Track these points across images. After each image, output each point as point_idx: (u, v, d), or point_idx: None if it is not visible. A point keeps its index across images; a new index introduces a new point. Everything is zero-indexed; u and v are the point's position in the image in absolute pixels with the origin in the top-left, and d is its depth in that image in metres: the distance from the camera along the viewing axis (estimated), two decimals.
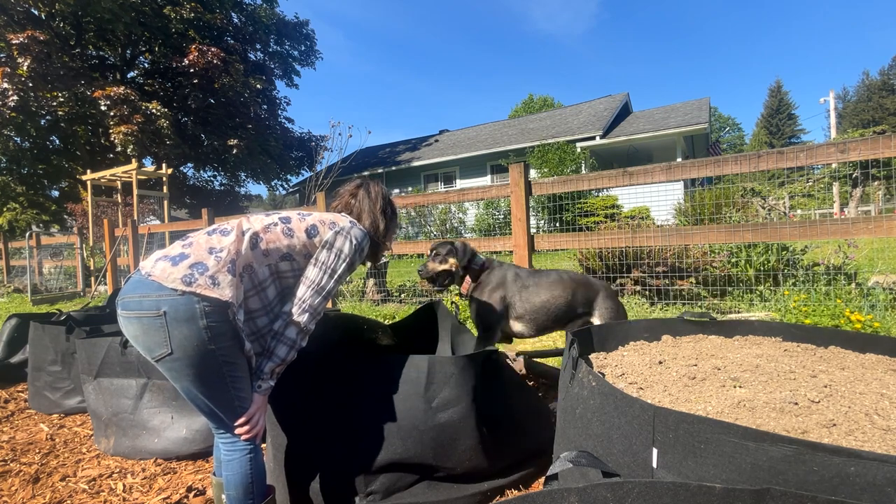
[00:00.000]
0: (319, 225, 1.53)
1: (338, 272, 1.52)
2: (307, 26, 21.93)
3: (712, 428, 0.91)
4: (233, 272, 1.35)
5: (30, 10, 14.99)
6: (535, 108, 40.27)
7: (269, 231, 1.46)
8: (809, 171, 16.33)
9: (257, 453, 1.47)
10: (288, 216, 1.54)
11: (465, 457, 1.66)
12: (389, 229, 1.75)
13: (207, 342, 1.30)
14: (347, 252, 1.53)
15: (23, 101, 13.33)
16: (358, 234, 1.57)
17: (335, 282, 1.53)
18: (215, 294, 1.30)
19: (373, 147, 25.58)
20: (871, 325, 2.82)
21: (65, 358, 2.91)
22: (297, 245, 1.49)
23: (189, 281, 1.29)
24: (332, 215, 1.60)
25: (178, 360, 1.30)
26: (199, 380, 1.33)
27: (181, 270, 1.30)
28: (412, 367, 1.66)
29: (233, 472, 1.43)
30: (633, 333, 1.89)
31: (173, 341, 1.28)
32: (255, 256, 1.43)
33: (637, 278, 4.54)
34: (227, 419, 1.41)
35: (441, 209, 15.00)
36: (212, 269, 1.32)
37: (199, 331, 1.29)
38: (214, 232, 1.44)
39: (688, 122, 14.80)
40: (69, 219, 18.83)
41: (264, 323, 1.50)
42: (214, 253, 1.36)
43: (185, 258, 1.34)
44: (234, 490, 1.43)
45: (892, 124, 42.38)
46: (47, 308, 7.68)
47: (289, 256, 1.48)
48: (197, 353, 1.30)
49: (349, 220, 1.60)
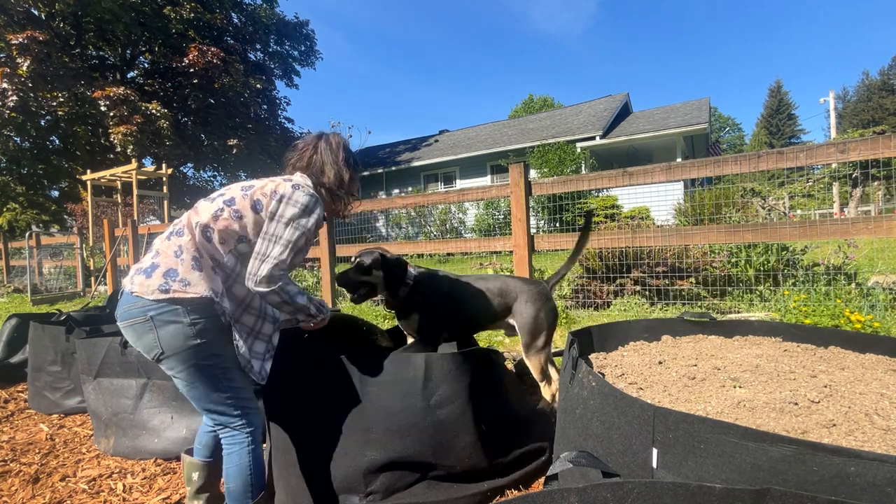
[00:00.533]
0: (262, 198, 1.48)
1: (285, 238, 1.44)
2: (307, 26, 21.93)
3: (712, 428, 0.91)
4: (198, 268, 1.41)
5: (30, 10, 14.98)
6: (535, 108, 40.27)
7: (217, 219, 1.46)
8: (809, 171, 16.33)
9: (257, 447, 1.49)
10: (232, 197, 1.49)
11: (465, 454, 1.66)
12: (354, 179, 1.66)
13: (193, 337, 1.38)
14: (295, 217, 1.45)
15: (23, 101, 13.32)
16: (302, 198, 1.47)
17: (287, 247, 1.44)
18: (191, 294, 1.37)
19: (373, 147, 25.58)
20: (871, 325, 2.82)
21: (65, 358, 2.91)
22: (248, 225, 1.47)
23: (165, 289, 1.37)
24: (273, 183, 1.51)
25: (171, 359, 1.39)
26: (192, 375, 1.41)
27: (156, 281, 1.38)
28: (409, 364, 1.66)
29: (232, 464, 1.46)
30: (633, 333, 1.89)
31: (162, 341, 1.37)
32: (214, 248, 1.45)
33: (637, 278, 4.54)
34: (223, 411, 1.45)
35: (441, 209, 15.00)
36: (181, 273, 1.39)
37: (184, 328, 1.37)
38: (172, 235, 1.48)
39: (688, 123, 14.79)
40: (69, 219, 18.83)
41: (259, 302, 1.56)
42: (178, 256, 1.42)
43: (156, 268, 1.41)
44: (233, 482, 1.46)
45: (892, 124, 42.39)
46: (47, 308, 7.68)
47: (244, 238, 1.48)
48: (185, 349, 1.38)
49: (291, 185, 1.49)
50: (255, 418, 1.52)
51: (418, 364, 1.65)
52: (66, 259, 11.34)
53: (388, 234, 16.26)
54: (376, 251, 2.10)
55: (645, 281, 4.51)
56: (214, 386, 1.43)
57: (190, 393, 1.44)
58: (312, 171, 1.62)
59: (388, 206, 8.90)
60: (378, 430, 1.62)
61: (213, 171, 22.02)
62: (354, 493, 1.62)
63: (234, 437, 1.47)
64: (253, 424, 1.50)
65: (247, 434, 1.47)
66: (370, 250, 2.10)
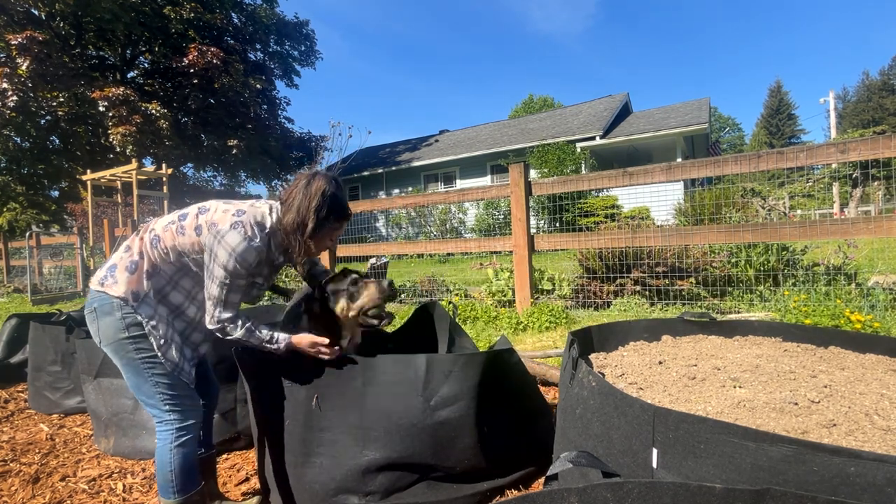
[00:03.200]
0: (204, 225, 1.48)
1: (218, 278, 1.45)
2: (307, 26, 21.94)
3: (712, 428, 0.91)
4: (131, 270, 1.47)
5: (30, 10, 14.99)
6: (535, 108, 40.29)
7: (166, 231, 1.51)
8: (809, 171, 16.33)
9: (185, 445, 1.52)
10: (186, 213, 1.53)
11: (465, 455, 1.66)
12: (319, 230, 1.53)
13: (123, 330, 1.45)
14: (224, 260, 1.43)
15: (22, 101, 13.33)
16: (232, 240, 1.42)
17: (223, 288, 1.46)
18: (113, 291, 1.45)
19: (373, 147, 25.58)
20: (871, 325, 2.82)
21: (65, 358, 2.91)
22: (186, 243, 1.49)
23: (102, 281, 1.48)
24: (224, 212, 1.49)
25: (107, 348, 1.49)
26: (124, 367, 1.50)
27: (102, 272, 1.50)
28: (410, 365, 1.66)
29: (157, 458, 1.53)
30: (633, 333, 1.89)
31: (100, 332, 1.47)
32: (157, 256, 1.51)
33: (637, 278, 4.54)
34: (153, 404, 1.51)
35: (441, 209, 15.01)
36: (118, 270, 1.48)
37: (116, 321, 1.45)
38: (136, 235, 1.55)
39: (688, 123, 14.80)
40: (69, 219, 18.83)
41: (194, 312, 1.59)
42: (124, 253, 1.51)
43: (109, 261, 1.52)
44: (158, 475, 1.53)
45: (892, 124, 42.38)
46: (47, 308, 7.68)
47: (185, 254, 1.51)
48: (115, 340, 1.46)
49: (231, 222, 1.46)
50: (187, 415, 1.53)
51: (419, 365, 1.65)
52: (66, 259, 11.35)
53: (388, 234, 16.26)
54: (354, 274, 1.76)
55: (645, 281, 4.51)
56: (144, 379, 1.48)
57: (127, 382, 1.52)
58: (285, 208, 1.54)
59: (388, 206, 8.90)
60: (378, 430, 1.62)
61: (213, 171, 22.06)
62: (353, 493, 1.62)
63: (162, 430, 1.52)
64: (185, 420, 1.53)
65: (173, 430, 1.51)
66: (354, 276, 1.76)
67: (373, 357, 1.69)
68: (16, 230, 17.92)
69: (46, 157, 17.09)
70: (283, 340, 1.58)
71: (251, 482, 2.05)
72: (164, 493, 1.53)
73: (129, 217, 9.86)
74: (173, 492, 1.52)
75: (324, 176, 1.56)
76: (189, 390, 1.56)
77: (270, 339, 1.58)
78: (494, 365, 1.75)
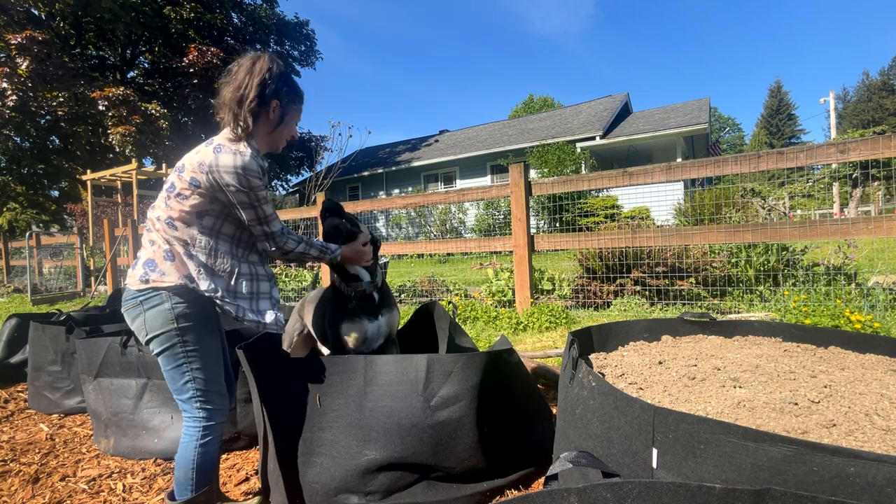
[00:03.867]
0: (195, 174, 1.46)
1: (246, 202, 1.47)
2: (307, 26, 21.91)
3: (712, 428, 0.91)
4: (170, 258, 1.47)
5: (30, 10, 14.98)
6: (535, 108, 40.28)
7: (169, 209, 1.48)
8: (809, 171, 16.33)
9: (210, 443, 1.52)
10: (171, 182, 1.50)
11: (465, 455, 1.66)
12: (263, 106, 1.51)
13: (172, 321, 1.45)
14: (236, 181, 1.43)
15: (22, 100, 13.31)
16: (226, 161, 1.42)
17: (255, 208, 1.49)
18: (167, 283, 1.45)
19: (372, 147, 25.57)
20: (871, 326, 2.82)
21: (65, 358, 2.91)
22: (193, 203, 1.47)
23: (145, 279, 1.46)
24: (198, 154, 1.48)
25: (153, 341, 1.47)
26: (165, 358, 1.48)
27: (138, 271, 1.48)
28: (410, 365, 1.66)
29: (180, 453, 1.52)
30: (633, 333, 1.89)
31: (147, 323, 1.46)
32: (182, 234, 1.48)
33: (637, 278, 4.54)
34: (185, 398, 1.51)
35: (441, 209, 15.00)
36: (157, 262, 1.47)
37: (166, 311, 1.45)
38: (147, 230, 1.55)
39: (688, 123, 14.79)
40: (69, 219, 18.83)
41: (246, 268, 1.58)
42: (153, 247, 1.50)
43: (139, 260, 1.51)
44: (177, 471, 1.52)
45: (892, 124, 42.37)
46: (47, 308, 7.68)
47: (201, 213, 1.48)
48: (164, 331, 1.45)
49: (213, 150, 1.46)
50: (216, 414, 1.54)
51: (420, 365, 1.65)
52: (66, 259, 11.34)
53: (389, 234, 16.26)
54: None
55: (645, 281, 4.51)
56: (181, 373, 1.48)
57: (165, 376, 1.52)
58: (223, 81, 1.54)
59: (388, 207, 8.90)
60: (378, 430, 1.62)
61: None
62: (353, 493, 1.62)
63: (189, 426, 1.52)
64: (212, 419, 1.53)
65: (200, 427, 1.51)
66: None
67: (374, 357, 1.69)
68: (16, 230, 17.93)
69: (46, 156, 17.09)
70: (336, 249, 1.74)
71: (251, 482, 2.05)
72: (179, 491, 1.52)
73: (129, 217, 9.86)
74: (191, 490, 1.51)
75: (269, 56, 1.54)
76: (222, 388, 1.57)
77: (325, 249, 1.71)
78: (494, 365, 1.74)
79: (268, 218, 1.53)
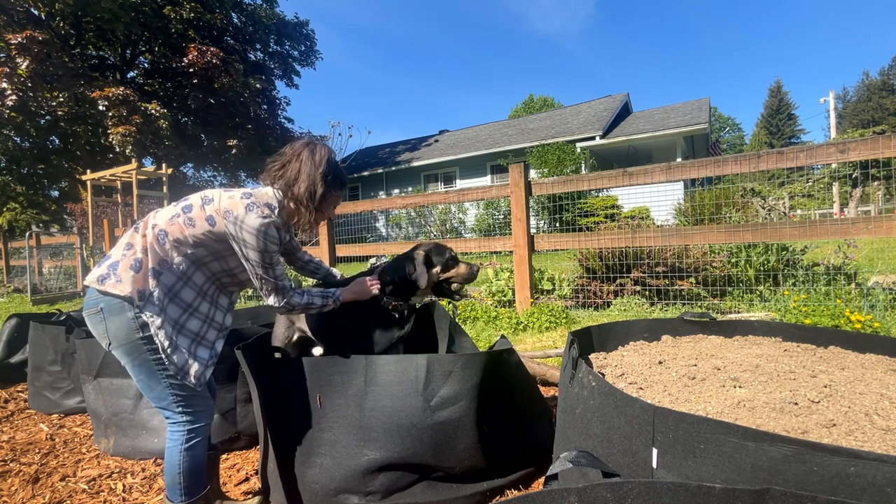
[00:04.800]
0: (216, 215, 1.48)
1: (258, 262, 1.49)
2: (307, 26, 21.92)
3: (712, 428, 0.91)
4: (136, 269, 1.41)
5: (29, 10, 14.98)
6: (535, 108, 40.28)
7: (172, 224, 1.46)
8: (809, 171, 16.33)
9: (196, 447, 1.51)
10: (190, 204, 1.51)
11: (465, 455, 1.66)
12: (328, 197, 1.63)
13: (136, 331, 1.40)
14: (254, 243, 1.47)
15: (22, 100, 13.32)
16: (253, 222, 1.45)
17: (267, 267, 1.52)
18: (117, 290, 1.38)
19: (372, 147, 25.57)
20: (871, 325, 2.82)
21: (65, 358, 2.91)
22: (199, 233, 1.47)
23: (103, 279, 1.40)
24: (230, 199, 1.50)
25: (116, 350, 1.43)
26: (135, 368, 1.44)
27: (101, 270, 1.42)
28: (410, 365, 1.66)
29: (166, 460, 1.50)
30: (633, 333, 1.89)
31: (110, 332, 1.41)
32: (165, 252, 1.46)
33: (637, 278, 4.54)
34: (165, 406, 1.48)
35: (441, 209, 15.00)
36: (120, 268, 1.41)
37: (128, 321, 1.39)
38: (133, 229, 1.51)
39: (688, 123, 14.79)
40: (69, 219, 18.81)
41: (206, 308, 1.54)
42: (126, 251, 1.44)
43: (108, 258, 1.45)
44: (166, 476, 1.51)
45: (892, 124, 42.37)
46: (47, 308, 7.68)
47: (199, 244, 1.48)
48: (129, 342, 1.40)
49: (245, 205, 1.48)
50: (200, 417, 1.52)
51: (420, 365, 1.65)
52: (66, 259, 11.34)
53: (388, 234, 16.26)
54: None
55: (645, 281, 4.51)
56: (157, 380, 1.45)
57: (137, 384, 1.48)
58: (287, 181, 1.59)
59: (388, 206, 8.91)
60: (378, 430, 1.62)
61: (213, 171, 22.02)
62: (354, 493, 1.62)
63: (173, 430, 1.50)
64: (197, 422, 1.51)
65: (185, 432, 1.49)
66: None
67: (374, 357, 1.69)
68: (16, 230, 17.92)
69: (46, 156, 17.09)
70: (335, 294, 1.74)
71: (251, 482, 2.05)
72: (171, 495, 1.52)
73: (129, 217, 9.86)
74: (181, 494, 1.50)
75: (320, 144, 1.63)
76: (202, 390, 1.54)
77: (325, 296, 1.70)
78: (494, 365, 1.74)
79: (277, 277, 1.55)
